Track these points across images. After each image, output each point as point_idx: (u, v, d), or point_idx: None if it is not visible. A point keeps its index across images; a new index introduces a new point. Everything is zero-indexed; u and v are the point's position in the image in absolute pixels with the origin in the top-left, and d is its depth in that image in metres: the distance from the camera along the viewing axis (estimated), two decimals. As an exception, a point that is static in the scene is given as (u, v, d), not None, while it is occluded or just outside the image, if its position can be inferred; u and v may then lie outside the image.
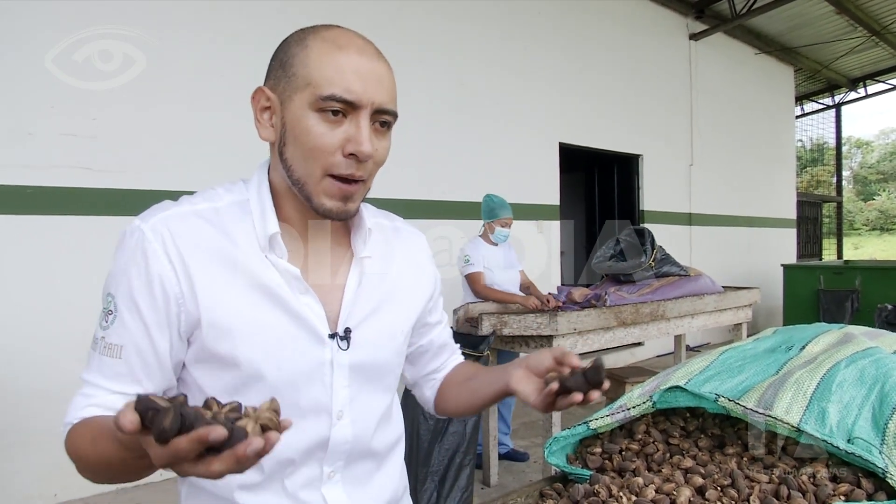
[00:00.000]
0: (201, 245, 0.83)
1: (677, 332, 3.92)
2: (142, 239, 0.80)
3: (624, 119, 6.93)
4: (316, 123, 0.78)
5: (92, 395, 0.83)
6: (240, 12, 3.98)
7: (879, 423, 0.88)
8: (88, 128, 3.44)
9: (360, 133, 0.79)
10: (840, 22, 8.56)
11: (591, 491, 0.84)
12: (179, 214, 0.84)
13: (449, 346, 1.14)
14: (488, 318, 3.17)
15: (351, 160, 0.80)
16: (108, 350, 0.82)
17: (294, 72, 0.80)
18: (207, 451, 0.54)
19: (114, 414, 0.77)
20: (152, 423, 0.51)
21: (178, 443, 0.52)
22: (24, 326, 3.24)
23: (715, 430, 1.02)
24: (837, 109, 13.16)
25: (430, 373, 1.12)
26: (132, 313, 0.81)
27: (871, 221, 33.17)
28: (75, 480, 3.37)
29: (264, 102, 0.83)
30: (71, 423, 0.82)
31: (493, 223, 3.78)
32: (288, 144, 0.81)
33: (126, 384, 0.83)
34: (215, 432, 0.52)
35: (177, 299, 0.81)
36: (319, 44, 0.80)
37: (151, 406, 0.52)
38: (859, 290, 6.88)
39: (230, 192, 0.90)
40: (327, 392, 0.88)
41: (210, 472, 0.54)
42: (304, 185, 0.82)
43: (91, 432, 0.76)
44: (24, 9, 3.22)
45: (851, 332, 1.31)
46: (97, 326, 0.84)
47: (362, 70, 0.79)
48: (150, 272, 0.80)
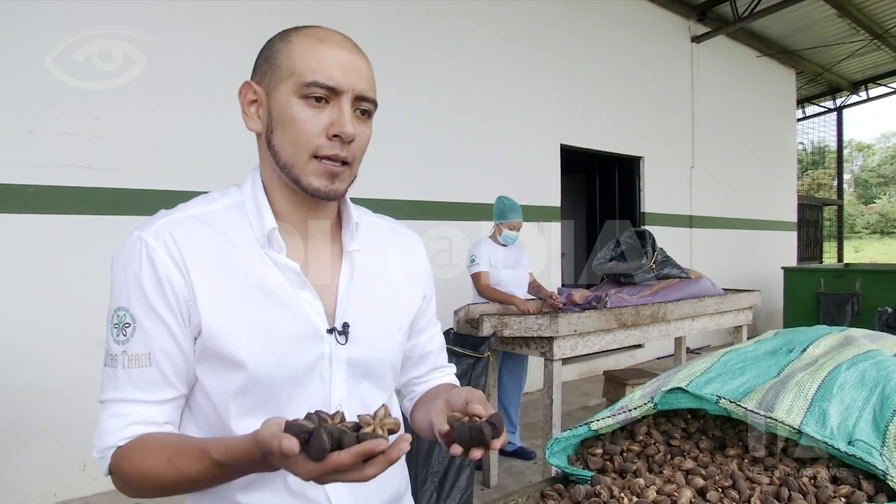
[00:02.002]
0: (201, 247, 0.84)
1: (678, 334, 3.92)
2: (145, 247, 0.82)
3: (625, 121, 6.93)
4: (301, 109, 0.82)
5: (128, 414, 0.82)
6: (242, 12, 3.99)
7: (880, 426, 0.88)
8: (91, 127, 3.44)
9: (342, 116, 0.83)
10: (842, 25, 8.57)
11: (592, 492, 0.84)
12: (177, 220, 0.86)
13: (432, 359, 1.11)
14: (489, 320, 3.17)
15: (335, 142, 0.83)
16: (135, 361, 0.82)
17: (279, 64, 0.84)
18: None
19: (159, 429, 0.83)
20: (308, 444, 0.59)
21: (339, 458, 0.60)
22: (25, 325, 3.24)
23: (716, 432, 1.02)
24: (839, 112, 13.16)
25: (410, 382, 1.11)
26: (153, 320, 0.82)
27: (871, 225, 33.16)
28: (75, 479, 3.39)
29: (251, 96, 0.87)
30: (115, 447, 0.81)
31: (502, 225, 3.84)
32: (275, 132, 0.85)
33: (161, 390, 0.83)
34: (380, 445, 0.61)
35: (186, 300, 0.83)
36: (302, 38, 0.84)
37: (302, 429, 0.60)
38: (859, 293, 6.87)
39: (224, 195, 0.92)
40: (325, 386, 0.89)
41: (363, 476, 0.63)
42: (291, 167, 0.85)
43: (165, 454, 0.76)
44: (27, 8, 3.22)
45: (852, 334, 1.31)
46: (110, 344, 0.83)
47: (342, 60, 0.84)
48: (159, 277, 0.82)
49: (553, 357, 3.10)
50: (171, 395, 0.84)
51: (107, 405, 0.83)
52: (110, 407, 0.83)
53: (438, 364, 1.12)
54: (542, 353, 3.15)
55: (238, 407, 0.85)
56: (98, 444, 0.82)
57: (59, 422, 3.31)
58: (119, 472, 0.81)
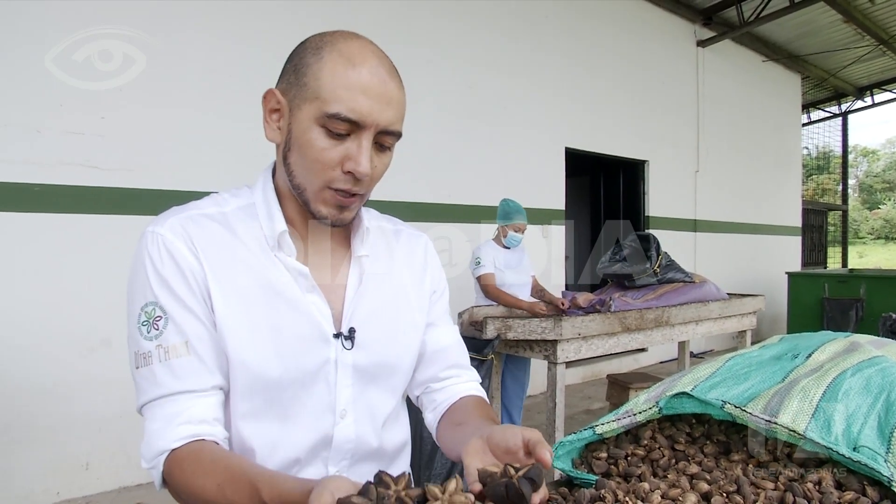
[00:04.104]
0: (214, 245, 0.85)
1: (681, 338, 3.91)
2: (163, 241, 0.82)
3: (630, 124, 6.93)
4: (319, 137, 0.80)
5: (176, 414, 0.79)
6: (248, 12, 4.00)
7: (885, 432, 0.88)
8: (96, 126, 3.45)
9: (360, 153, 0.80)
10: (848, 30, 8.55)
11: (596, 496, 0.84)
12: (191, 217, 0.86)
13: (445, 356, 1.05)
14: (493, 322, 3.17)
15: (348, 176, 0.81)
16: (172, 352, 0.80)
17: (306, 81, 0.81)
18: None
19: (209, 429, 0.79)
20: None
21: None
22: (28, 323, 3.25)
23: (721, 437, 1.02)
24: (844, 118, 13.13)
25: (427, 386, 1.05)
26: (183, 309, 0.81)
27: (875, 230, 33.05)
28: (77, 478, 3.39)
29: (274, 104, 0.85)
30: (166, 451, 0.77)
31: (507, 227, 3.84)
32: (292, 151, 0.83)
33: (203, 377, 0.81)
34: None
35: (206, 291, 0.83)
36: (335, 57, 0.80)
37: None
38: (864, 298, 6.86)
39: (236, 196, 0.92)
40: (331, 391, 0.89)
41: None
42: (303, 191, 0.84)
43: (217, 478, 0.72)
44: (33, 7, 3.24)
45: (857, 340, 1.30)
46: (140, 343, 0.81)
47: (371, 90, 0.79)
48: (181, 268, 0.81)
49: (557, 360, 3.10)
50: (213, 383, 0.82)
51: (149, 408, 0.80)
52: (154, 409, 0.80)
53: (455, 362, 1.06)
54: (545, 356, 3.15)
55: (244, 408, 0.85)
56: (146, 453, 0.79)
57: (62, 420, 3.32)
58: (171, 483, 0.77)
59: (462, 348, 1.09)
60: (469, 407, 1.00)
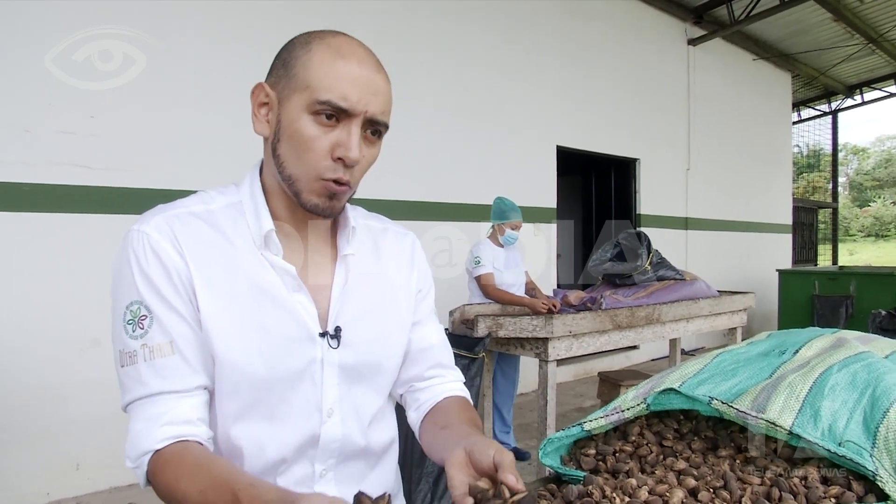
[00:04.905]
0: (200, 244, 0.84)
1: (672, 335, 3.93)
2: (148, 240, 0.82)
3: (622, 123, 6.95)
4: (309, 126, 0.80)
5: (159, 414, 0.79)
6: (243, 13, 3.98)
7: (870, 427, 0.89)
8: (87, 126, 3.43)
9: (350, 140, 0.81)
10: (837, 29, 8.60)
11: (584, 492, 0.85)
12: (177, 215, 0.85)
13: (430, 355, 1.04)
14: (484, 320, 3.18)
15: (338, 164, 0.82)
16: (157, 351, 0.80)
17: (295, 73, 0.81)
18: None
19: (193, 430, 0.79)
20: None
21: None
22: (19, 323, 3.23)
23: (708, 433, 1.02)
24: (834, 116, 13.21)
25: (411, 385, 1.05)
26: (168, 308, 0.81)
27: (866, 228, 33.29)
28: (68, 479, 3.37)
29: (263, 98, 0.85)
30: (150, 452, 0.77)
31: (504, 225, 3.84)
32: (282, 142, 0.83)
33: (188, 377, 0.81)
34: None
35: (192, 290, 0.82)
36: (323, 49, 0.81)
37: None
38: (853, 295, 6.90)
39: (223, 194, 0.91)
40: (317, 390, 0.89)
41: None
42: (293, 182, 0.84)
43: (199, 484, 0.72)
44: (25, 7, 3.21)
45: (844, 336, 1.31)
46: (125, 342, 0.80)
47: (360, 79, 0.81)
48: (166, 267, 0.81)
49: (548, 358, 3.10)
50: (197, 383, 0.82)
51: (134, 408, 0.80)
52: (138, 409, 0.80)
53: (439, 361, 1.06)
54: (536, 353, 3.16)
55: (231, 407, 0.85)
56: (130, 452, 0.79)
57: (53, 421, 3.30)
58: (155, 484, 0.77)
59: (447, 348, 1.08)
60: (453, 409, 1.00)
